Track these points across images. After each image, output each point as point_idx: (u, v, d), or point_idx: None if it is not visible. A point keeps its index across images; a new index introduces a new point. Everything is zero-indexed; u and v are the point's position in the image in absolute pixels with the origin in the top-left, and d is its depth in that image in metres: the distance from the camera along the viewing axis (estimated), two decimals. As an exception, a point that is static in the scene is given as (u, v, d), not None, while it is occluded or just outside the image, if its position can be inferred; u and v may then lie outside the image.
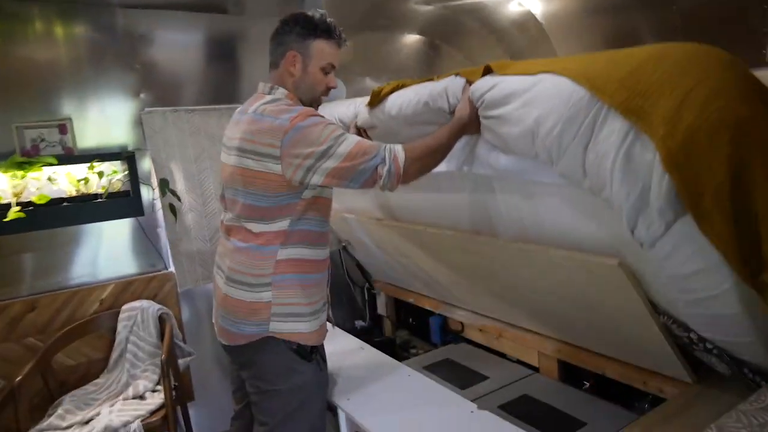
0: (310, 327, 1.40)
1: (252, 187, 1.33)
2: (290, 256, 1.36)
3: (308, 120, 1.30)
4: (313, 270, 1.42)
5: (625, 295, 1.28)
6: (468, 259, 1.78)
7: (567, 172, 1.08)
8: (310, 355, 1.41)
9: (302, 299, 1.38)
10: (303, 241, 1.38)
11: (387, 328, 2.89)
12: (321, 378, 1.46)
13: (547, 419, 1.59)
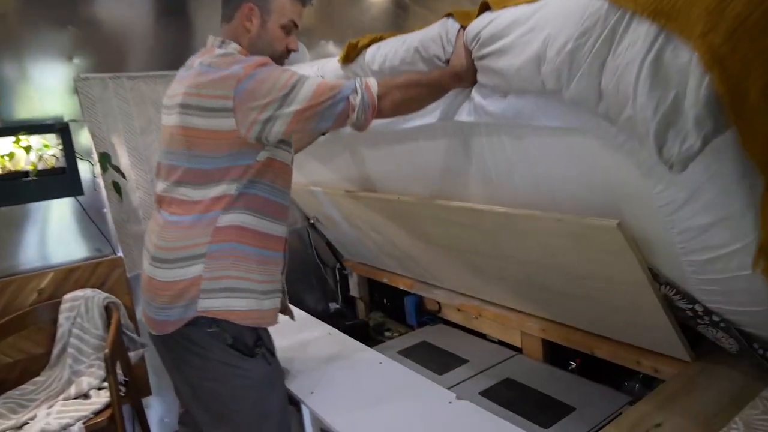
0: (248, 305, 1.19)
1: (197, 149, 1.14)
2: (233, 222, 1.17)
3: (265, 68, 1.12)
4: (262, 244, 1.22)
5: (622, 263, 1.13)
6: (446, 230, 1.62)
7: (579, 96, 0.92)
8: (252, 349, 1.22)
9: (241, 272, 1.18)
10: (251, 207, 1.19)
11: (360, 310, 2.73)
12: (271, 373, 1.27)
13: (533, 405, 1.45)
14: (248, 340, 1.22)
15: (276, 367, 1.30)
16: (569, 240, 1.20)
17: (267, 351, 1.27)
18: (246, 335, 1.21)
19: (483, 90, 1.19)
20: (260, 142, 1.14)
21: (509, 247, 1.42)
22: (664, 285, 1.16)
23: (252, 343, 1.23)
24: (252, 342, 1.23)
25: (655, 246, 1.11)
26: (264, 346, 1.26)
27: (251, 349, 1.22)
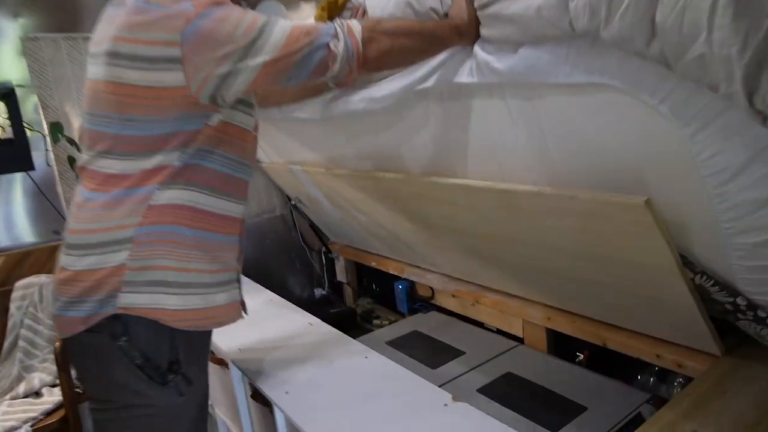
0: (186, 303, 0.96)
1: (131, 111, 0.91)
2: (173, 200, 0.94)
3: (221, 6, 0.90)
4: (212, 227, 1.00)
5: (647, 247, 0.95)
6: (439, 210, 1.43)
7: (622, 36, 0.73)
8: (164, 375, 0.95)
9: (180, 262, 0.96)
10: (197, 182, 0.96)
11: (348, 296, 2.55)
12: (182, 407, 0.99)
13: (538, 404, 1.28)
14: (162, 362, 0.96)
15: (191, 402, 1.02)
16: (583, 220, 1.01)
17: (183, 379, 0.99)
18: (161, 356, 0.96)
19: (488, 45, 1.00)
20: (215, 102, 0.93)
21: (511, 229, 1.24)
22: (699, 274, 0.98)
23: (165, 366, 0.96)
24: (166, 365, 0.96)
25: (691, 227, 0.93)
26: (181, 373, 0.98)
27: (163, 374, 0.96)
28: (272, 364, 1.33)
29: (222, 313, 1.03)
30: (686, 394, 1.02)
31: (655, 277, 1.01)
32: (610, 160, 0.96)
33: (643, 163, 0.91)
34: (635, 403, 1.25)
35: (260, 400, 1.26)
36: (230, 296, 1.05)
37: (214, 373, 1.61)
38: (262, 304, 1.78)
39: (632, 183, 0.92)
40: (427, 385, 1.17)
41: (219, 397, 1.66)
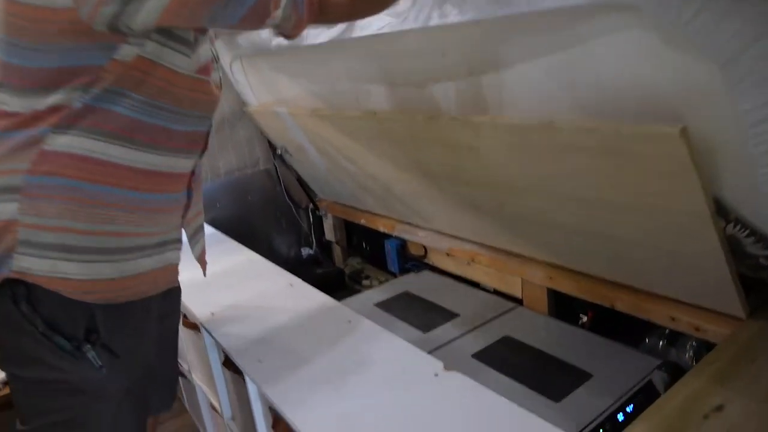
0: (92, 272, 0.80)
1: (17, 35, 0.72)
2: (74, 149, 0.75)
3: None
4: (133, 183, 0.82)
5: (677, 189, 0.81)
6: (434, 155, 1.28)
7: None
8: (78, 346, 0.80)
9: (86, 224, 0.78)
10: (105, 131, 0.77)
11: (337, 255, 2.42)
12: (103, 383, 0.84)
13: (539, 371, 1.17)
14: (74, 329, 0.80)
15: (118, 379, 0.86)
16: (602, 159, 0.87)
17: (104, 351, 0.83)
18: (74, 323, 0.80)
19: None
20: (118, 32, 0.72)
21: (515, 174, 1.09)
22: (733, 223, 0.85)
23: (81, 335, 0.80)
24: (81, 334, 0.80)
25: (725, 168, 0.79)
26: (100, 343, 0.82)
27: (77, 345, 0.80)
28: (247, 330, 1.20)
29: (145, 281, 0.87)
30: (709, 362, 0.90)
31: (681, 226, 0.87)
32: (630, 92, 0.81)
33: (674, 97, 0.77)
34: (645, 370, 1.13)
35: (233, 368, 1.14)
36: (160, 260, 0.89)
37: (188, 337, 1.49)
38: (241, 264, 1.64)
39: (655, 120, 0.78)
40: (416, 353, 1.04)
41: (194, 362, 1.55)
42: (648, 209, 0.90)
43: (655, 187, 0.84)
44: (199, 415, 1.76)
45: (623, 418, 1.02)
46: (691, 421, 0.77)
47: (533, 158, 1.00)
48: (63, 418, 0.83)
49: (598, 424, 1.00)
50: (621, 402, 1.04)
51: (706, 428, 0.76)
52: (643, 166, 0.82)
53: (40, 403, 0.82)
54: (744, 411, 0.78)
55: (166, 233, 0.91)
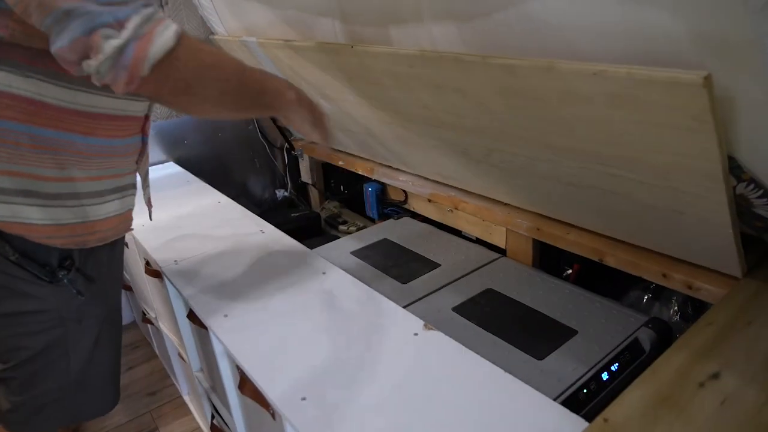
0: (53, 217, 0.76)
1: None
2: (11, 88, 0.68)
3: None
4: (75, 128, 0.75)
5: (691, 142, 0.72)
6: (417, 95, 1.17)
7: None
8: (53, 272, 0.79)
9: (40, 169, 0.74)
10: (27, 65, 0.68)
11: (313, 198, 2.33)
12: (82, 308, 0.86)
13: (522, 327, 1.12)
14: (48, 256, 0.79)
15: (96, 306, 0.88)
16: (607, 107, 0.77)
17: (81, 276, 0.83)
18: (48, 251, 0.79)
19: None
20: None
21: (506, 120, 0.99)
22: (746, 182, 0.77)
23: (56, 261, 0.80)
24: (56, 260, 0.80)
25: (748, 124, 0.71)
26: (75, 268, 0.82)
27: (52, 270, 0.79)
28: (213, 281, 1.12)
29: (109, 226, 0.85)
30: (705, 324, 0.85)
31: (689, 184, 0.80)
32: (640, 35, 0.71)
33: (686, 45, 0.66)
34: (631, 327, 1.09)
35: (198, 322, 1.06)
36: (121, 206, 0.86)
37: (153, 285, 1.41)
38: (209, 207, 1.54)
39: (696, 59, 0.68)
40: (395, 310, 0.98)
41: (161, 311, 1.47)
42: (653, 164, 0.81)
43: (665, 141, 0.75)
44: (168, 362, 1.71)
45: (608, 377, 0.99)
46: (686, 389, 0.73)
47: (528, 104, 0.89)
48: (44, 349, 0.83)
49: (582, 384, 0.96)
50: (606, 361, 1.01)
51: (702, 397, 0.71)
52: (653, 117, 0.72)
53: (20, 338, 0.81)
54: (740, 380, 0.74)
55: (122, 178, 0.87)
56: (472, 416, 0.71)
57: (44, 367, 0.85)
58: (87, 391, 0.91)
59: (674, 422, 0.67)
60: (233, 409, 1.06)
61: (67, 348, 0.86)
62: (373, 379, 0.80)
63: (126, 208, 0.90)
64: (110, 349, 0.94)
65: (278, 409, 0.76)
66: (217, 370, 1.04)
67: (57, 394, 0.87)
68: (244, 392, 0.88)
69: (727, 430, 0.66)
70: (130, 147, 0.86)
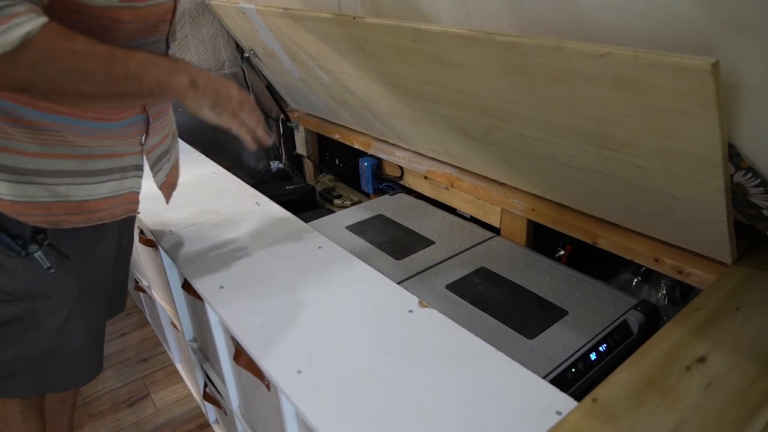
0: (25, 194, 0.74)
1: None
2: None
3: None
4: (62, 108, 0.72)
5: (693, 128, 0.72)
6: (419, 71, 1.15)
7: None
8: (24, 245, 0.77)
9: (21, 144, 0.71)
10: None
11: (308, 171, 2.32)
12: (52, 286, 0.83)
13: (514, 306, 1.14)
14: (21, 229, 0.77)
15: (70, 283, 0.85)
16: (612, 89, 0.77)
17: (56, 253, 0.81)
18: (17, 223, 0.76)
19: None
20: None
21: (508, 99, 0.99)
22: (744, 170, 0.77)
23: (29, 235, 0.78)
24: (29, 233, 0.78)
25: (751, 113, 0.71)
26: (49, 245, 0.80)
27: (23, 243, 0.77)
28: (208, 252, 1.12)
29: (98, 207, 0.82)
30: (694, 309, 0.87)
31: (687, 169, 0.80)
32: (646, 18, 0.70)
33: (693, 29, 0.66)
34: (621, 310, 1.11)
35: (192, 293, 1.06)
36: (119, 187, 0.84)
37: (147, 254, 1.40)
38: (204, 177, 1.52)
39: (704, 43, 0.67)
40: (390, 286, 0.98)
41: (154, 280, 1.47)
42: (654, 148, 0.81)
43: (667, 125, 0.75)
44: (161, 331, 1.72)
45: (596, 358, 1.01)
46: (673, 372, 0.74)
47: (531, 83, 0.89)
48: (12, 319, 0.82)
49: (571, 364, 0.98)
50: (595, 341, 1.03)
51: (688, 380, 0.73)
52: (657, 101, 0.72)
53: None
54: (726, 363, 0.75)
55: (122, 159, 0.83)
56: (463, 393, 0.73)
57: (11, 336, 0.83)
58: (56, 363, 0.89)
59: (660, 404, 0.69)
60: (227, 379, 1.07)
61: (38, 321, 0.84)
62: (368, 354, 0.81)
63: (126, 189, 0.86)
64: (85, 325, 0.91)
65: (274, 381, 0.77)
66: (211, 340, 1.05)
67: (24, 364, 0.86)
68: (239, 363, 0.89)
69: (712, 413, 0.68)
70: (128, 128, 0.82)
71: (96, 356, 0.97)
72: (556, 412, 0.68)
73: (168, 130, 0.96)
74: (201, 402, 1.50)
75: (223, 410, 1.26)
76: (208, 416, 1.48)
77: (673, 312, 1.23)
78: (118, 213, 0.87)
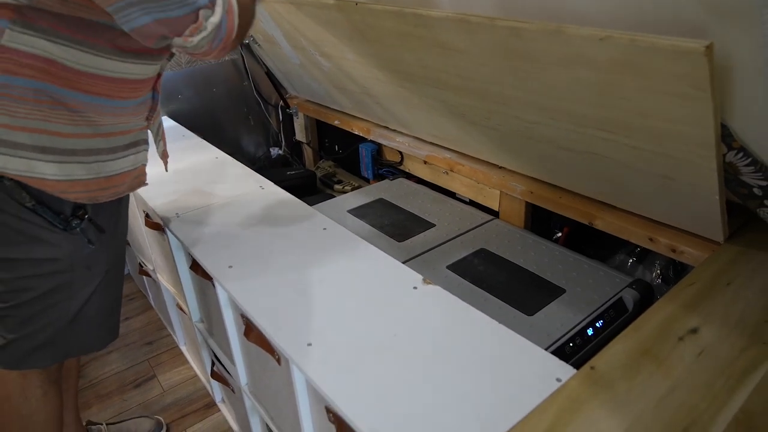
0: (67, 173, 0.80)
1: None
2: (34, 49, 0.71)
3: None
4: (95, 90, 0.78)
5: (687, 110, 0.75)
6: (419, 55, 1.18)
7: None
8: (67, 220, 0.84)
9: (58, 125, 0.77)
10: (55, 30, 0.71)
11: (308, 157, 2.34)
12: (92, 257, 0.91)
13: (513, 284, 1.17)
14: (62, 206, 0.84)
15: (104, 255, 0.93)
16: (610, 72, 0.79)
17: (94, 227, 0.88)
18: (59, 201, 0.83)
19: None
20: None
21: (508, 83, 1.01)
22: (736, 150, 0.81)
23: (69, 211, 0.85)
24: (69, 210, 0.85)
25: (743, 94, 0.74)
26: (89, 219, 0.87)
27: (66, 219, 0.84)
28: (215, 234, 1.14)
29: (121, 182, 0.89)
30: (685, 285, 0.91)
31: (681, 150, 0.83)
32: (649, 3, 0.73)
33: (687, 12, 0.69)
34: (616, 288, 1.15)
35: (201, 273, 1.09)
36: (135, 161, 0.91)
37: (152, 238, 1.43)
38: (207, 162, 1.55)
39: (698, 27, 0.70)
40: (395, 265, 1.01)
41: (159, 263, 1.50)
42: (649, 130, 0.85)
43: (663, 107, 0.78)
44: (165, 314, 1.75)
45: (592, 333, 1.05)
46: (666, 343, 0.78)
47: (531, 67, 0.91)
48: (48, 291, 0.87)
49: (569, 338, 1.01)
50: (592, 317, 1.06)
51: (681, 350, 0.77)
52: (653, 83, 0.75)
53: (28, 280, 0.85)
54: (717, 334, 0.79)
55: (135, 134, 0.90)
56: (467, 362, 0.76)
57: (45, 308, 0.89)
58: (79, 329, 0.95)
59: (655, 371, 0.73)
60: (235, 357, 1.10)
61: (71, 292, 0.90)
62: (375, 328, 0.84)
63: (139, 163, 0.94)
64: (108, 293, 0.99)
65: (285, 354, 0.80)
66: (220, 319, 1.08)
67: (52, 333, 0.91)
68: (249, 339, 0.92)
69: (703, 379, 0.71)
70: (142, 105, 0.89)
71: (115, 322, 1.05)
72: (556, 379, 0.72)
73: None
74: (207, 382, 1.54)
75: (231, 388, 1.29)
76: (215, 396, 1.51)
77: (667, 291, 1.27)
78: (135, 185, 0.94)
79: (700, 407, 0.67)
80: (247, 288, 0.95)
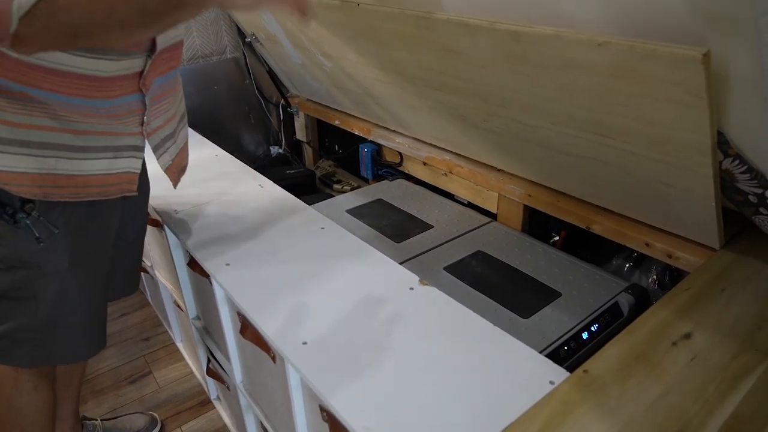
0: (10, 163, 0.75)
1: None
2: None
3: None
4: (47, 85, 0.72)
5: (683, 117, 0.76)
6: (420, 57, 1.18)
7: None
8: (13, 214, 0.78)
9: (11, 116, 0.73)
10: None
11: (307, 156, 2.34)
12: (41, 256, 0.84)
13: (509, 287, 1.18)
14: (10, 197, 0.78)
15: (61, 253, 0.86)
16: (608, 78, 0.80)
17: (42, 223, 0.82)
18: (7, 193, 0.78)
19: None
20: None
21: (508, 86, 1.02)
22: (732, 157, 0.81)
23: (18, 204, 0.79)
24: (18, 202, 0.79)
25: (739, 102, 0.74)
26: (36, 215, 0.80)
27: (12, 212, 0.78)
28: (213, 231, 1.15)
29: (88, 183, 0.83)
30: (679, 291, 0.91)
31: (677, 157, 0.84)
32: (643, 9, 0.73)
33: (685, 21, 0.69)
34: (612, 292, 1.15)
35: (198, 270, 1.09)
36: (109, 165, 0.84)
37: (151, 234, 1.43)
38: (206, 159, 1.55)
39: (695, 35, 0.71)
40: (392, 265, 1.02)
41: (157, 259, 1.50)
42: (645, 136, 0.85)
43: (660, 113, 0.78)
44: (162, 310, 1.75)
45: (587, 337, 1.05)
46: (659, 347, 0.79)
47: (531, 71, 0.92)
48: (10, 288, 0.84)
49: (564, 342, 1.02)
50: (587, 321, 1.07)
51: (674, 354, 0.77)
52: (650, 89, 0.76)
53: None
54: (710, 340, 0.80)
55: (118, 138, 0.84)
56: (461, 363, 0.77)
57: (12, 305, 0.86)
58: (57, 336, 0.91)
59: (647, 376, 0.73)
60: (231, 354, 1.11)
61: (34, 291, 0.86)
62: (370, 327, 0.85)
63: (118, 169, 0.86)
64: (82, 299, 0.93)
65: (280, 352, 0.81)
66: (216, 316, 1.09)
67: (27, 334, 0.88)
68: (245, 337, 0.92)
69: (695, 384, 0.72)
70: (121, 108, 0.81)
71: (98, 332, 0.99)
72: (549, 382, 0.72)
73: (173, 113, 0.96)
74: (202, 379, 1.54)
75: (226, 385, 1.30)
76: (210, 393, 1.52)
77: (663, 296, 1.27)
78: (112, 192, 0.87)
79: (691, 412, 0.68)
80: (244, 286, 0.96)
